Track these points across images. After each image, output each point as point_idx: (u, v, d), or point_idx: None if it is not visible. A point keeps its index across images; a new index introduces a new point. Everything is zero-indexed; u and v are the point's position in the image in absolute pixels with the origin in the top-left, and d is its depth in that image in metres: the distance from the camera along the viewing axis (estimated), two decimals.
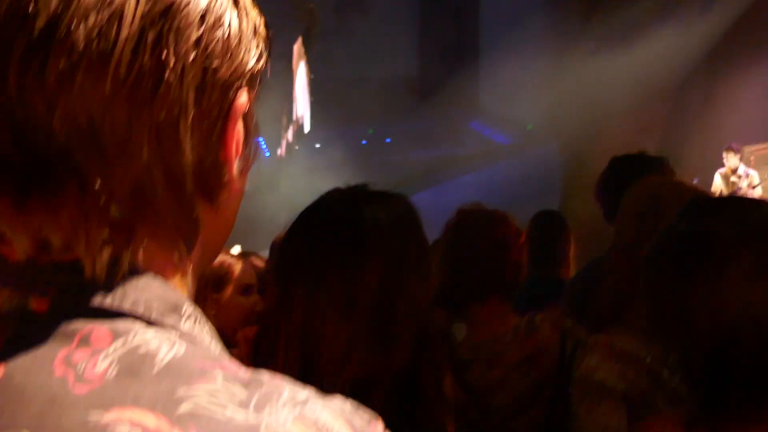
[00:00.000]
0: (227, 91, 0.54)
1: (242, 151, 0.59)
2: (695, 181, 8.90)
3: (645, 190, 1.74)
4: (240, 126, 0.57)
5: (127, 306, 0.47)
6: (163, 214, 0.51)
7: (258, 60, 0.58)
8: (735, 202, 1.27)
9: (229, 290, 2.07)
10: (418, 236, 1.34)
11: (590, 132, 14.39)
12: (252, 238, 18.38)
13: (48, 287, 0.46)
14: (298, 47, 24.04)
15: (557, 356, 1.91)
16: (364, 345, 1.17)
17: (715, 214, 1.14)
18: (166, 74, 0.48)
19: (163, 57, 0.48)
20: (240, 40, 0.55)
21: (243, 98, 0.56)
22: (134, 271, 0.49)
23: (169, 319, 0.49)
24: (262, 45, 0.59)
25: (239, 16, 0.55)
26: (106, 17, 0.45)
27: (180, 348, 0.46)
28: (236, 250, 9.03)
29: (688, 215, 1.20)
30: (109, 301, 0.47)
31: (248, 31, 0.56)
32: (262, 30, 0.59)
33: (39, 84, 0.45)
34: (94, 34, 0.45)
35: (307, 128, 25.14)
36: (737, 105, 13.70)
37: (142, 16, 0.47)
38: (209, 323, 0.54)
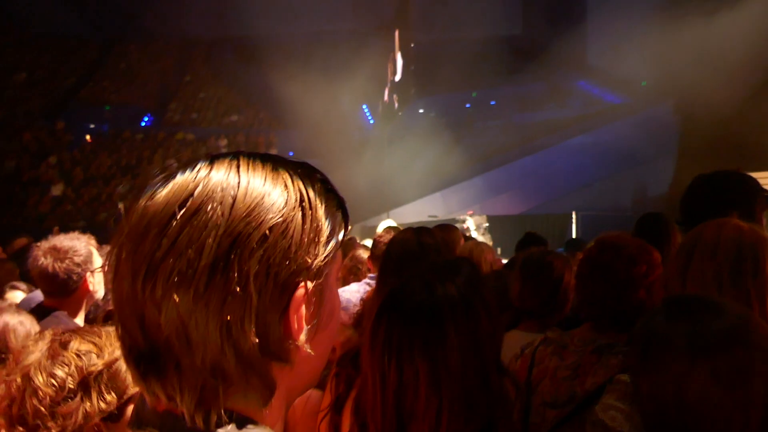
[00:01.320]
0: (286, 288, 0.72)
1: (310, 322, 0.75)
2: None
3: (692, 236, 1.68)
4: (302, 309, 0.74)
5: None
6: (237, 380, 0.70)
7: (318, 255, 0.74)
8: (704, 308, 1.34)
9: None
10: (484, 300, 1.47)
11: (708, 90, 13.58)
12: (365, 205, 18.60)
13: (182, 431, 0.70)
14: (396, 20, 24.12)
15: (596, 387, 1.89)
16: (450, 413, 1.33)
17: (676, 319, 1.32)
18: (232, 287, 0.68)
19: (231, 276, 0.68)
20: (300, 245, 0.73)
21: (300, 292, 0.73)
22: (234, 419, 0.71)
23: None
24: (325, 238, 0.75)
25: (304, 222, 0.73)
26: (192, 253, 0.68)
27: None
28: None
29: (667, 312, 1.35)
30: None
31: (310, 234, 0.74)
32: (325, 227, 0.75)
33: (153, 296, 0.68)
34: (185, 265, 0.68)
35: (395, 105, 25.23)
36: None
37: (217, 248, 0.68)
38: None
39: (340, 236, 0.78)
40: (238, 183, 0.71)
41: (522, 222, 14.96)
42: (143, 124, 30.92)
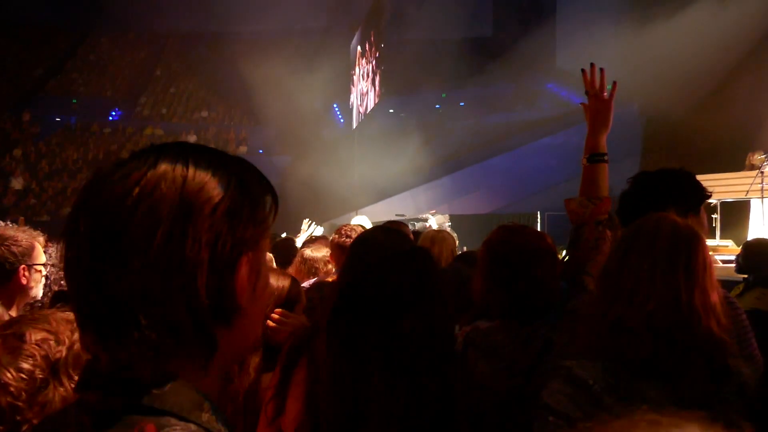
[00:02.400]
0: (231, 256, 0.81)
1: (251, 289, 0.84)
2: None
3: (632, 229, 1.76)
4: (244, 274, 0.82)
5: (167, 407, 0.76)
6: (188, 339, 0.78)
7: (257, 228, 0.84)
8: None
9: (299, 309, 2.27)
10: (437, 290, 1.50)
11: (671, 92, 13.88)
12: (334, 203, 18.46)
13: (122, 392, 0.76)
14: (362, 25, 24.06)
15: (525, 372, 1.97)
16: (404, 405, 1.36)
17: None
18: (187, 252, 0.77)
19: (185, 243, 0.77)
20: (241, 218, 0.82)
21: (244, 259, 0.82)
22: (173, 379, 0.78)
23: (193, 415, 0.77)
24: (261, 214, 0.85)
25: (244, 200, 0.82)
26: (149, 223, 0.76)
27: None
28: (319, 230, 9.30)
29: None
30: (157, 403, 0.76)
31: (249, 209, 0.83)
32: (260, 206, 0.85)
33: (114, 263, 0.76)
34: (144, 234, 0.75)
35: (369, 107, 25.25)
36: None
37: (173, 219, 0.76)
38: (222, 414, 0.82)
39: (273, 216, 0.89)
40: (187, 166, 0.81)
41: (489, 221, 15.13)
42: (112, 117, 30.53)
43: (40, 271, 2.63)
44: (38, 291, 2.62)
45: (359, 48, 28.17)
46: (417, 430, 1.37)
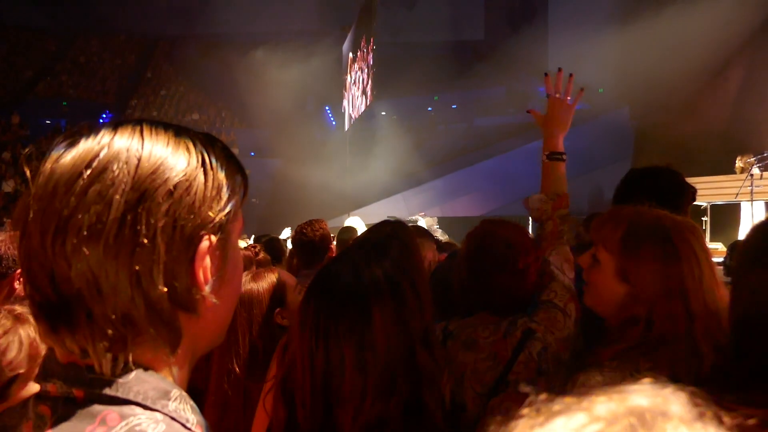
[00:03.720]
0: (191, 240, 0.76)
1: (215, 274, 0.80)
2: None
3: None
4: (207, 260, 0.78)
5: (131, 396, 0.72)
6: (146, 328, 0.74)
7: (221, 211, 0.79)
8: None
9: (290, 299, 2.27)
10: (411, 279, 1.47)
11: (662, 95, 13.95)
12: (327, 206, 18.45)
13: (83, 382, 0.73)
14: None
15: (507, 361, 1.99)
16: (374, 394, 1.35)
17: None
18: (140, 239, 0.72)
19: (139, 228, 0.72)
20: (204, 200, 0.77)
21: (205, 243, 0.77)
22: (137, 368, 0.74)
23: (159, 404, 0.74)
24: (226, 197, 0.80)
25: (206, 180, 0.78)
26: (100, 208, 0.71)
27: (161, 426, 0.71)
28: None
29: None
30: (120, 392, 0.72)
31: (212, 192, 0.78)
32: (225, 187, 0.80)
33: (63, 251, 0.71)
34: (94, 219, 0.71)
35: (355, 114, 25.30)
36: None
37: (125, 203, 0.72)
38: (191, 402, 0.78)
39: (240, 197, 0.84)
40: (142, 145, 0.75)
41: None
42: (102, 120, 30.41)
43: None
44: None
45: (351, 50, 28.18)
46: (389, 415, 1.36)
